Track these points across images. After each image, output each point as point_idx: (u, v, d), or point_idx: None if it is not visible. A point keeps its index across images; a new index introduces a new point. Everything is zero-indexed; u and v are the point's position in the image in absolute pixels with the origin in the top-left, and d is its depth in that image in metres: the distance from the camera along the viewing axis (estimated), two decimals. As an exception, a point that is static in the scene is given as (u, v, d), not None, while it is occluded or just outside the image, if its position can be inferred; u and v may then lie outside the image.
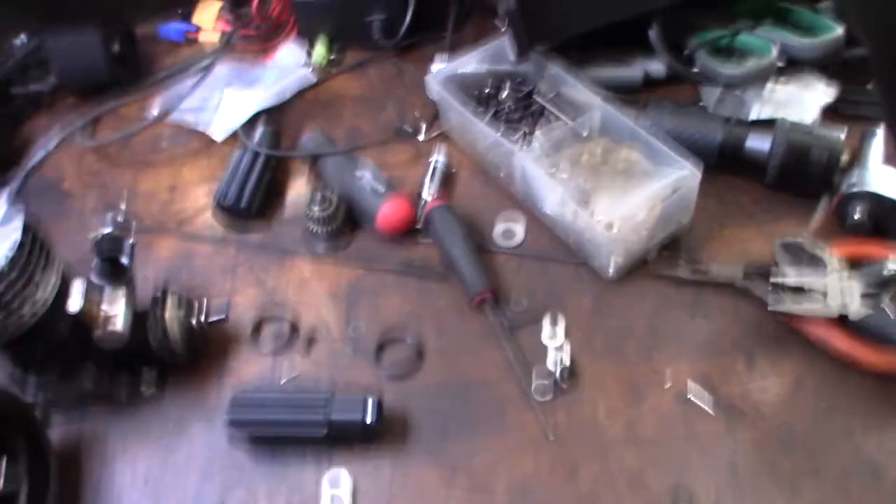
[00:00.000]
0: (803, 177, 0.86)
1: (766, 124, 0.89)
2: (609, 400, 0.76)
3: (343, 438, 0.74)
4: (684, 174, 0.83)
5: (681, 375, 0.77)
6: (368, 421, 0.73)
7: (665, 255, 0.86)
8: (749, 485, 0.69)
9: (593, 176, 0.88)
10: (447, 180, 0.99)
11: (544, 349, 0.80)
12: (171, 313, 0.79)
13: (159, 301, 0.80)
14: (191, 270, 0.93)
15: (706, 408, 0.74)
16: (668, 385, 0.76)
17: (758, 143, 0.88)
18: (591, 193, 0.86)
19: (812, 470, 0.69)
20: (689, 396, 0.75)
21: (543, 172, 0.87)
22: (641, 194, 0.83)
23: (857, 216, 0.82)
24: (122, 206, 0.98)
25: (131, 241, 0.81)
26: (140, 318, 0.78)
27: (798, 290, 0.77)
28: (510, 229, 0.92)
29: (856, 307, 0.74)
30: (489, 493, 0.71)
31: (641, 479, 0.71)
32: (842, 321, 0.74)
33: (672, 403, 0.76)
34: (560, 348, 0.80)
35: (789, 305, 0.76)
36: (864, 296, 0.75)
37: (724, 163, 0.90)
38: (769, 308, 0.76)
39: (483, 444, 0.74)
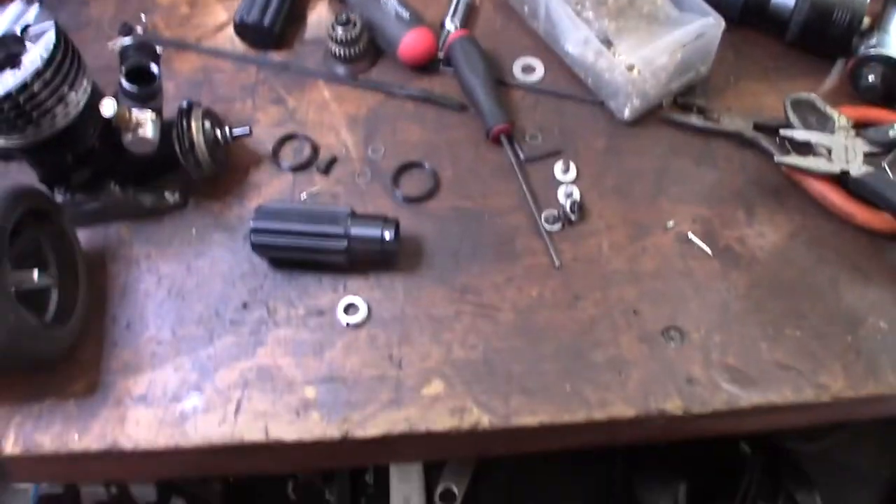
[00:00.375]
0: (824, 36, 0.88)
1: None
2: (613, 235, 0.80)
3: (361, 257, 0.76)
4: (709, 22, 0.84)
5: (683, 218, 0.81)
6: (387, 237, 0.74)
7: (680, 103, 0.88)
8: (736, 324, 0.74)
9: (618, 17, 0.89)
10: (470, 13, 0.98)
11: (556, 184, 0.83)
12: (196, 125, 0.79)
13: (185, 113, 0.79)
14: (211, 87, 0.93)
15: (705, 248, 0.79)
16: (670, 225, 0.80)
17: (783, -1, 0.88)
18: (615, 34, 0.87)
19: (796, 315, 0.75)
20: (689, 235, 0.80)
21: (569, 10, 0.87)
22: (665, 39, 0.84)
23: (870, 79, 0.84)
24: (143, 18, 0.97)
25: (159, 49, 0.81)
26: (166, 129, 0.78)
27: (804, 146, 0.80)
28: (530, 65, 0.93)
29: (857, 165, 0.77)
30: (496, 311, 0.75)
31: (638, 310, 0.75)
32: (842, 180, 0.78)
33: (673, 243, 0.80)
34: (572, 184, 0.83)
35: (794, 159, 0.79)
36: (868, 155, 0.78)
37: (748, 16, 0.91)
38: (775, 160, 0.79)
39: (492, 269, 0.78)
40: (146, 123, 0.76)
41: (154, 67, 0.80)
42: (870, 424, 1.04)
